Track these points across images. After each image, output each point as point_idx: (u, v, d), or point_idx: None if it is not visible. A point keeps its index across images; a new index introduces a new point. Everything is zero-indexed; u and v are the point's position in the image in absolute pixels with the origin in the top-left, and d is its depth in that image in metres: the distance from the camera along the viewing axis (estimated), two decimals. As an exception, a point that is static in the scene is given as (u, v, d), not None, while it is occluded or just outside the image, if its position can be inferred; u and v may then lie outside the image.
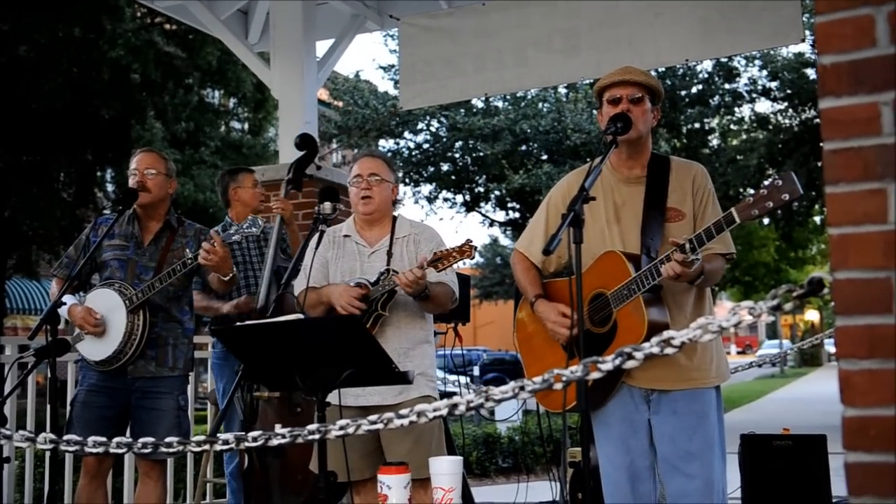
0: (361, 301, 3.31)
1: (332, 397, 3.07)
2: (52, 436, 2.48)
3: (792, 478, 4.19)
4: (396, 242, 3.48)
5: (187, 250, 3.78)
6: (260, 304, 4.16)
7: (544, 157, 17.86)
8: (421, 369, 3.36)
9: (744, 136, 18.77)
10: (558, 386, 1.89)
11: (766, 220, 18.72)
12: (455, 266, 3.32)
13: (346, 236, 3.58)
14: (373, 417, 2.07)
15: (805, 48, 15.54)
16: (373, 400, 3.31)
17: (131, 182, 3.89)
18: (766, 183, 2.49)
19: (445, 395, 3.36)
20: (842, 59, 1.41)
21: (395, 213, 3.63)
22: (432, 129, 18.58)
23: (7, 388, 3.72)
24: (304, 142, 4.48)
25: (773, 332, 55.37)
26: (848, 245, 1.39)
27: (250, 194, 4.74)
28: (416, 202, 20.35)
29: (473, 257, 3.23)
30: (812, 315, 47.56)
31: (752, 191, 2.82)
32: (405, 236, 3.51)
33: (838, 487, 3.78)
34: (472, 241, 3.21)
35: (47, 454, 3.78)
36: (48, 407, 3.44)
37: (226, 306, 4.45)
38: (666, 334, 1.76)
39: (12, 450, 4.40)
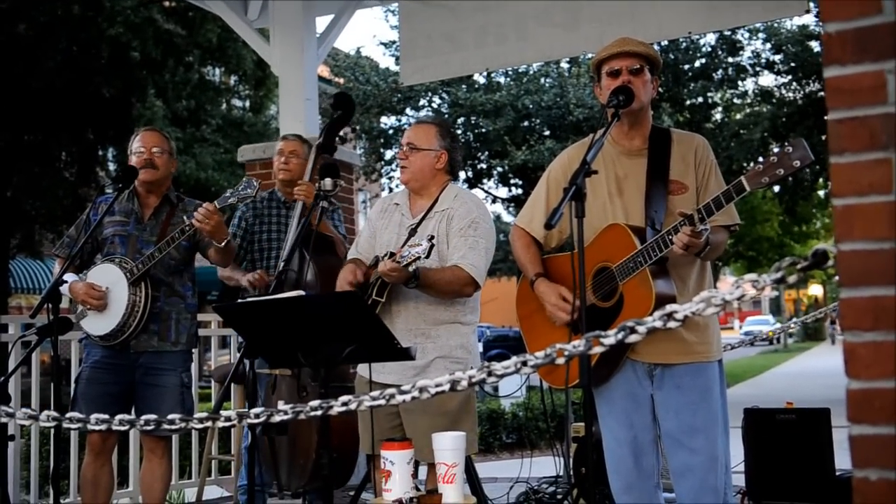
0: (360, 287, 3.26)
1: (363, 370, 3.19)
2: (55, 413, 2.48)
3: (796, 451, 4.20)
4: (433, 217, 3.37)
5: (185, 217, 3.79)
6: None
7: (547, 132, 17.73)
8: (443, 351, 3.28)
9: (747, 110, 18.65)
10: (560, 361, 1.88)
11: (776, 188, 18.47)
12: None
13: (396, 204, 3.51)
14: (374, 394, 2.08)
15: (809, 20, 15.44)
16: (390, 379, 3.22)
17: (136, 160, 3.89)
18: (775, 150, 2.44)
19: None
20: (847, 26, 1.38)
21: (449, 183, 3.48)
22: (434, 105, 18.46)
23: (10, 367, 3.73)
24: (339, 101, 4.07)
25: (776, 307, 55.39)
26: (853, 216, 1.37)
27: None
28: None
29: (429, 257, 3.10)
30: (816, 289, 47.59)
31: (762, 159, 2.73)
32: (444, 210, 3.38)
33: (842, 460, 3.80)
34: (433, 243, 3.05)
35: (52, 432, 3.79)
36: (52, 385, 3.45)
37: (244, 279, 4.42)
38: (669, 308, 1.75)
39: (17, 428, 4.42)
